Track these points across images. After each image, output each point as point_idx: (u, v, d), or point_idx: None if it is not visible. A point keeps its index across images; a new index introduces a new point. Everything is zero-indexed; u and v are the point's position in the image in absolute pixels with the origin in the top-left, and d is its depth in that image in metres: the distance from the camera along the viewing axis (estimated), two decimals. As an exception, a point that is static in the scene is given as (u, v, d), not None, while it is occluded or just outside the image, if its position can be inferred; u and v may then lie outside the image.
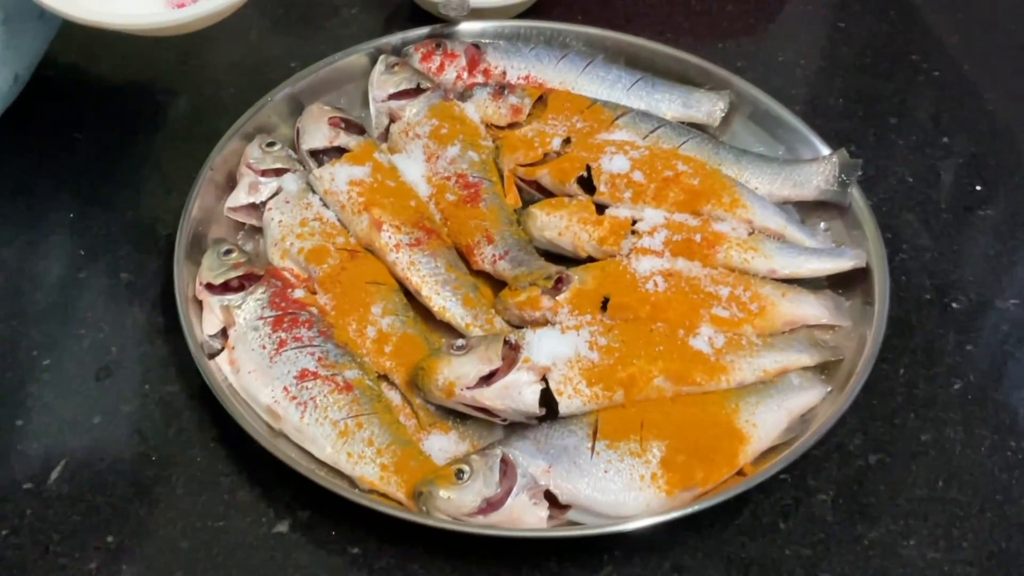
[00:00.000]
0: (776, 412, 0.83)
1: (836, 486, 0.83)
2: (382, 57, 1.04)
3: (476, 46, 1.08)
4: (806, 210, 0.99)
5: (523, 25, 1.11)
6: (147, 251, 0.95)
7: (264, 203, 0.93)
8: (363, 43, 1.07)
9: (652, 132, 1.00)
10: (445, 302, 0.88)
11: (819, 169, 0.98)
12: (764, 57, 1.19)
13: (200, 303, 0.87)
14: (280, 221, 0.92)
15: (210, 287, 0.86)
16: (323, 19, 1.20)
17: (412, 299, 0.90)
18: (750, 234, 0.93)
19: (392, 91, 1.01)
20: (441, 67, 1.06)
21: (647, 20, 1.23)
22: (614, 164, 0.95)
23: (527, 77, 1.06)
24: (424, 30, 1.10)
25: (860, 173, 0.97)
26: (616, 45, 1.10)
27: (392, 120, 1.02)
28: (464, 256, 0.93)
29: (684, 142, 1.00)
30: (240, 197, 0.94)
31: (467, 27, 1.11)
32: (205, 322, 0.86)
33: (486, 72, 1.06)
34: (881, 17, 1.24)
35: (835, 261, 0.92)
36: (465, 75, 1.06)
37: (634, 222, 0.92)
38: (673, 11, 1.24)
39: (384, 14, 1.20)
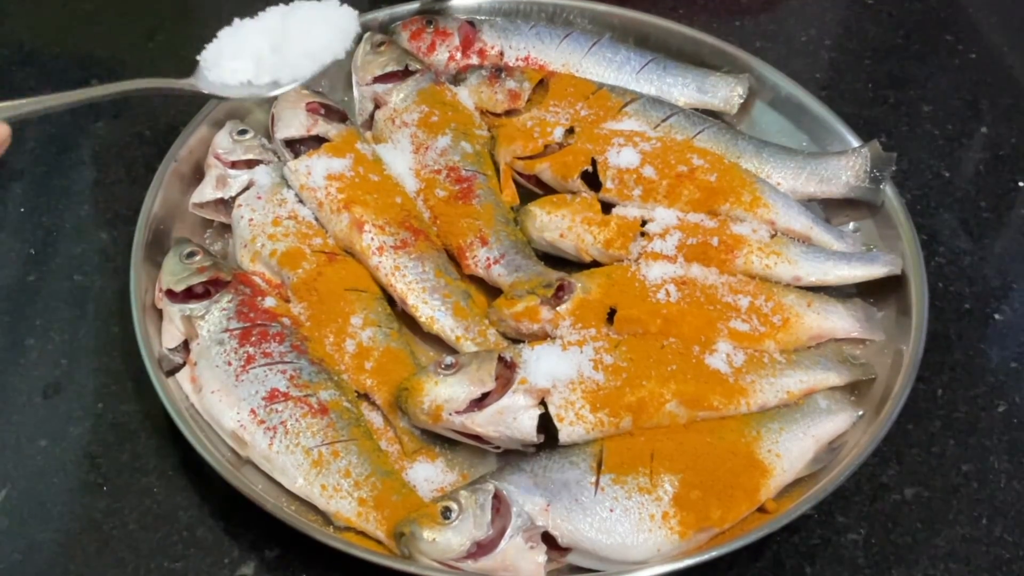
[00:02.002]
0: (802, 440, 0.74)
1: (868, 524, 0.74)
2: (367, 35, 0.94)
3: (471, 23, 0.98)
4: (833, 208, 0.90)
5: (523, 0, 1.02)
6: (104, 251, 0.86)
7: (233, 199, 0.84)
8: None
9: (664, 121, 0.91)
10: (433, 312, 0.80)
11: (849, 163, 0.88)
12: (786, 36, 1.09)
13: (161, 311, 0.78)
14: (251, 220, 0.82)
15: (171, 294, 0.77)
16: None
17: (397, 308, 0.81)
18: (772, 236, 0.84)
19: (377, 73, 0.92)
20: (432, 47, 0.96)
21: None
22: (622, 158, 0.85)
23: (527, 58, 0.97)
24: (414, 5, 1.00)
25: (894, 168, 0.87)
26: (624, 23, 1.01)
27: (377, 106, 0.92)
28: (455, 259, 0.84)
29: (699, 132, 0.91)
30: (207, 192, 0.84)
31: (461, 2, 1.01)
32: (165, 333, 0.77)
33: (481, 52, 0.97)
34: (912, -7, 1.15)
35: (867, 267, 0.83)
36: (458, 56, 0.96)
37: (644, 223, 0.83)
38: (687, -16, 1.15)
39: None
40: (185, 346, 0.76)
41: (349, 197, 0.82)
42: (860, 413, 0.77)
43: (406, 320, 0.81)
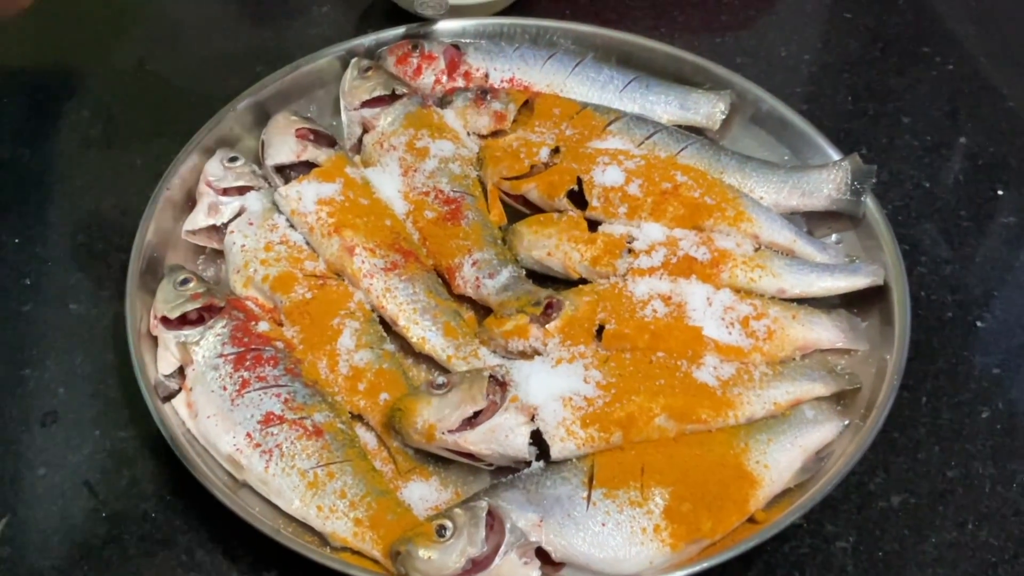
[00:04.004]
0: (789, 450, 0.75)
1: (856, 531, 0.76)
2: (354, 61, 0.96)
3: (456, 47, 0.99)
4: (816, 220, 0.91)
5: (506, 23, 1.03)
6: (99, 279, 0.87)
7: (225, 225, 0.85)
8: (334, 45, 0.99)
9: (648, 138, 0.93)
10: (424, 332, 0.81)
11: (830, 176, 0.90)
12: (766, 52, 1.11)
13: (156, 338, 0.79)
14: (243, 245, 0.84)
15: (165, 321, 0.78)
16: (291, 18, 1.11)
17: (389, 329, 0.82)
18: (756, 250, 0.85)
19: (365, 98, 0.93)
20: (418, 70, 0.98)
21: (639, 13, 1.15)
22: (607, 176, 0.87)
23: (511, 80, 0.98)
24: (400, 30, 1.02)
25: (875, 180, 0.89)
26: (607, 43, 1.02)
27: (365, 130, 0.93)
28: (445, 280, 0.85)
29: (682, 149, 0.92)
30: (199, 219, 0.85)
31: (446, 26, 1.02)
32: (160, 360, 0.78)
33: (467, 75, 0.98)
34: (890, 6, 1.16)
35: (850, 278, 0.85)
36: (444, 79, 0.98)
37: (630, 240, 0.85)
38: (669, 4, 1.16)
39: (357, 12, 1.12)
40: (181, 372, 0.77)
41: (339, 221, 0.84)
42: (846, 422, 0.78)
43: (399, 341, 0.82)
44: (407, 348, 0.82)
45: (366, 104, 0.93)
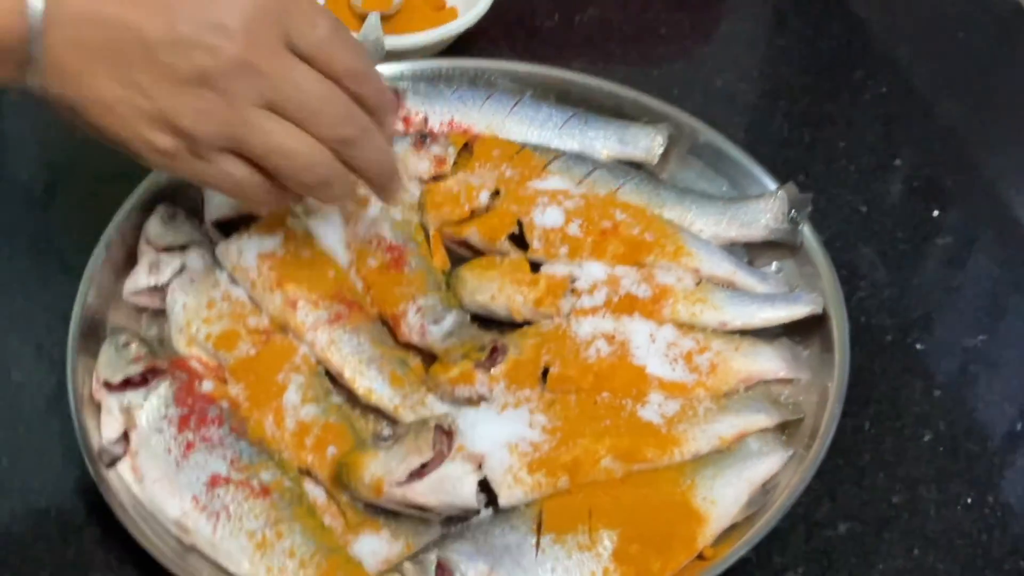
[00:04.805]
0: (735, 485, 0.76)
1: (805, 562, 0.77)
2: None
3: (394, 91, 0.99)
4: (756, 250, 0.93)
5: (444, 65, 1.04)
6: (41, 344, 0.86)
7: (166, 284, 0.85)
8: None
9: (587, 176, 0.93)
10: (371, 383, 0.81)
11: (767, 206, 0.91)
12: (702, 83, 1.13)
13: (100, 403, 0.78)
14: (184, 304, 0.83)
15: (108, 385, 0.78)
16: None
17: (337, 381, 0.82)
18: (697, 284, 0.86)
19: (304, 148, 0.93)
20: (358, 116, 0.98)
21: (577, 49, 1.16)
22: (547, 217, 0.87)
23: (451, 122, 0.99)
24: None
25: (811, 208, 0.90)
26: (545, 81, 1.03)
27: (306, 180, 0.93)
28: (391, 328, 0.85)
29: (621, 185, 0.93)
30: (140, 279, 0.85)
31: (383, 69, 1.02)
32: (104, 425, 0.77)
33: (406, 120, 0.99)
34: (821, 32, 1.19)
35: (790, 308, 0.86)
36: (384, 124, 0.99)
37: (572, 280, 0.85)
38: (605, 37, 1.18)
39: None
40: (126, 437, 0.76)
41: (281, 275, 0.83)
42: (791, 452, 0.79)
43: (346, 392, 0.82)
44: (355, 399, 0.82)
45: (306, 154, 0.93)
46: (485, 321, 0.87)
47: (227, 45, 0.64)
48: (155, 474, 0.74)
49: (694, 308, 0.85)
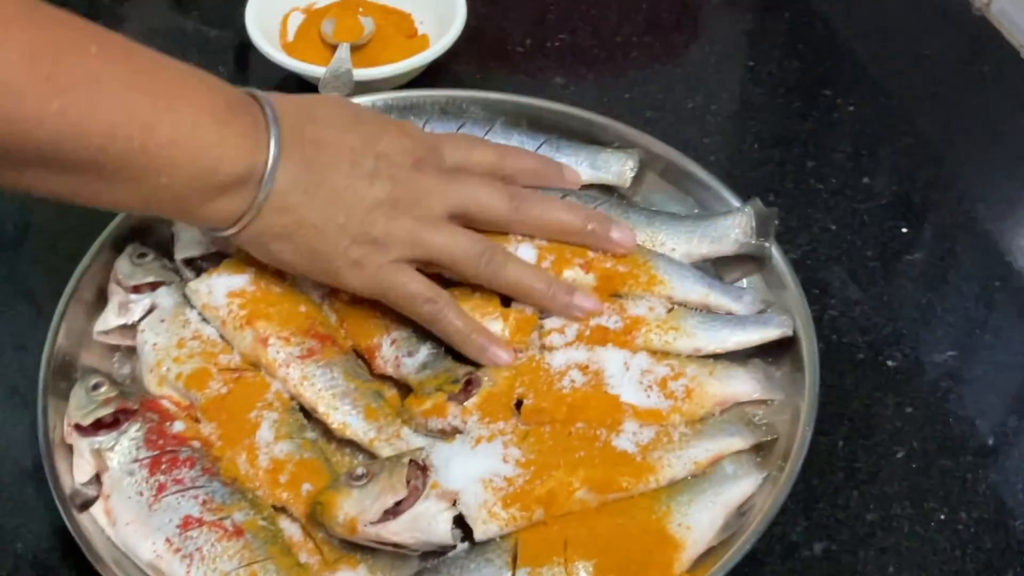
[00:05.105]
0: (711, 509, 0.76)
1: (781, 584, 0.77)
2: None
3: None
4: (725, 265, 0.93)
5: (415, 95, 1.04)
6: (14, 386, 0.86)
7: (136, 323, 0.85)
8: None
9: (558, 204, 0.94)
10: (345, 417, 0.81)
11: (736, 222, 0.92)
12: (673, 105, 1.13)
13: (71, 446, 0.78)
14: (155, 344, 0.83)
15: (79, 428, 0.77)
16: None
17: (311, 416, 0.82)
18: (669, 311, 0.86)
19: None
20: (329, 149, 0.98)
21: (549, 72, 1.17)
22: (520, 254, 0.86)
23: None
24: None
25: (778, 222, 0.91)
26: (516, 108, 1.04)
27: (277, 214, 0.94)
28: (366, 360, 0.85)
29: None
30: (110, 319, 0.85)
31: (355, 102, 1.03)
32: (76, 468, 0.77)
33: (377, 151, 0.99)
34: (790, 52, 1.20)
35: (761, 331, 0.86)
36: (355, 155, 0.99)
37: (542, 316, 0.85)
38: (577, 61, 1.19)
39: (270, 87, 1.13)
40: (98, 479, 0.76)
41: (251, 312, 0.83)
42: (765, 474, 0.79)
43: (321, 426, 0.82)
44: (330, 434, 0.82)
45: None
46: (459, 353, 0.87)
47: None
48: (128, 517, 0.74)
49: (666, 336, 0.85)
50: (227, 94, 0.73)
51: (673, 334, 0.85)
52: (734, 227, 0.92)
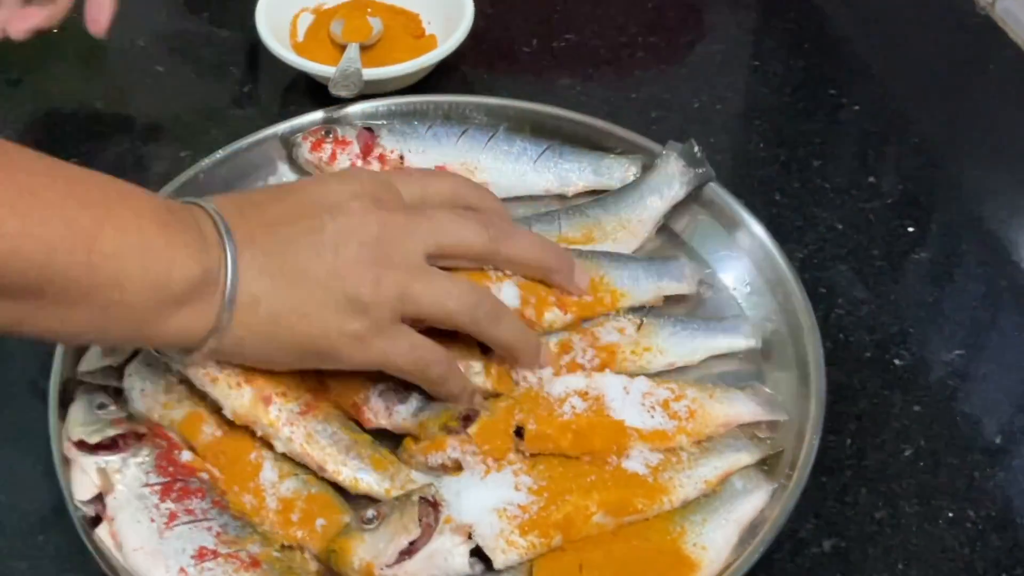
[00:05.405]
0: (724, 527, 0.76)
1: (791, 582, 0.77)
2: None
3: (369, 129, 1.00)
4: (721, 262, 0.93)
5: (418, 100, 1.05)
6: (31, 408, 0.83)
7: (123, 365, 0.82)
8: (239, 140, 0.99)
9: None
10: (355, 472, 0.77)
11: (668, 165, 0.95)
12: (679, 104, 1.13)
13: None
14: (142, 390, 0.80)
15: (82, 445, 0.76)
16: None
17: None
18: (639, 328, 0.86)
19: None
20: (333, 156, 0.98)
21: (555, 74, 1.17)
22: (504, 294, 0.83)
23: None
24: (317, 115, 1.03)
25: (698, 149, 0.95)
26: (519, 114, 1.04)
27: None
28: (352, 417, 0.81)
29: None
30: (92, 359, 0.82)
31: (359, 108, 1.03)
32: (77, 484, 0.75)
33: (381, 158, 0.99)
34: (796, 51, 1.19)
35: (729, 338, 0.87)
36: (359, 163, 0.99)
37: None
38: (583, 63, 1.19)
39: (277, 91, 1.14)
40: (99, 498, 0.75)
41: (249, 370, 0.77)
42: (774, 487, 0.78)
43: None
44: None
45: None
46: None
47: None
48: (136, 542, 0.73)
49: (642, 359, 0.85)
50: (160, 199, 0.67)
51: (648, 354, 0.85)
52: (672, 168, 0.94)
